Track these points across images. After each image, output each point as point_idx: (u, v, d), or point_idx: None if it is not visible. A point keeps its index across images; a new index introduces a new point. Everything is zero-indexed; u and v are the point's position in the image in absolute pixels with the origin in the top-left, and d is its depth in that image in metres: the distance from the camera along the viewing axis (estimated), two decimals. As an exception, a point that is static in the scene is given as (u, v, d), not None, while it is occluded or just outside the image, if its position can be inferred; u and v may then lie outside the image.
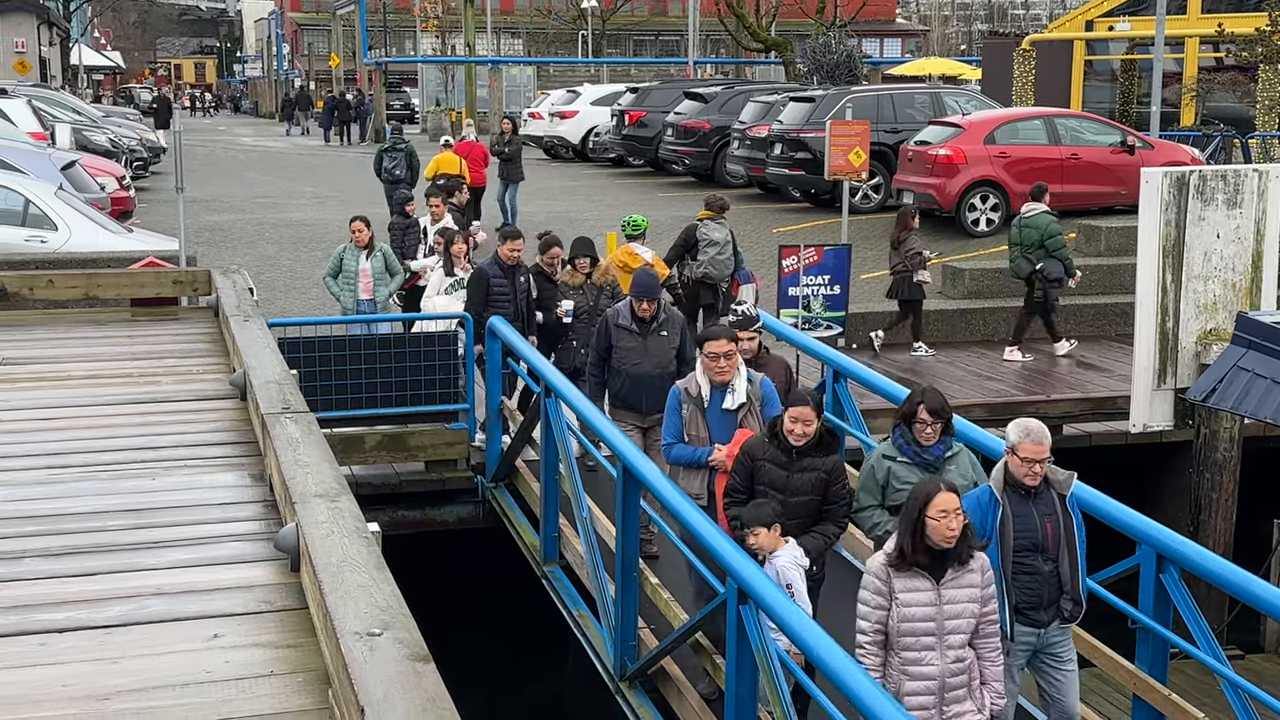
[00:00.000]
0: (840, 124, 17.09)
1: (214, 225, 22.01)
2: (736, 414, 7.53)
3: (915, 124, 21.69)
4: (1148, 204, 11.65)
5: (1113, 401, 12.88)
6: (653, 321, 9.07)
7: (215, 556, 4.89)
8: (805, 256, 15.29)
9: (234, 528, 5.20)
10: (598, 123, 33.06)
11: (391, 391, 11.01)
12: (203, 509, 5.39)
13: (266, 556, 4.84)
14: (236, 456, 6.13)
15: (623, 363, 9.05)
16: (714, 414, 7.53)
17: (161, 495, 5.55)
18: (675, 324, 9.20)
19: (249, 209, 24.26)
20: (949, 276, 17.46)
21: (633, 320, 9.08)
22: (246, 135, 51.19)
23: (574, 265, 10.96)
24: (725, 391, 7.54)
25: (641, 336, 9.03)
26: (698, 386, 7.57)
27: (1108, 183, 19.37)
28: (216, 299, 9.36)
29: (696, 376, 7.60)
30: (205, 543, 5.03)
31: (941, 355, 15.43)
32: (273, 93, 78.09)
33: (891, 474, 6.93)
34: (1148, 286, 11.67)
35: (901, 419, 6.99)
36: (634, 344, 9.07)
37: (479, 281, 11.16)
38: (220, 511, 5.38)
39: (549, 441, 9.15)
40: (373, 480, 11.12)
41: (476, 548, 11.16)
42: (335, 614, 3.64)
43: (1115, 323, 16.45)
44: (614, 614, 7.74)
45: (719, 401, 7.53)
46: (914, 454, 6.91)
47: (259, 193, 27.04)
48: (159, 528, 5.17)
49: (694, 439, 7.54)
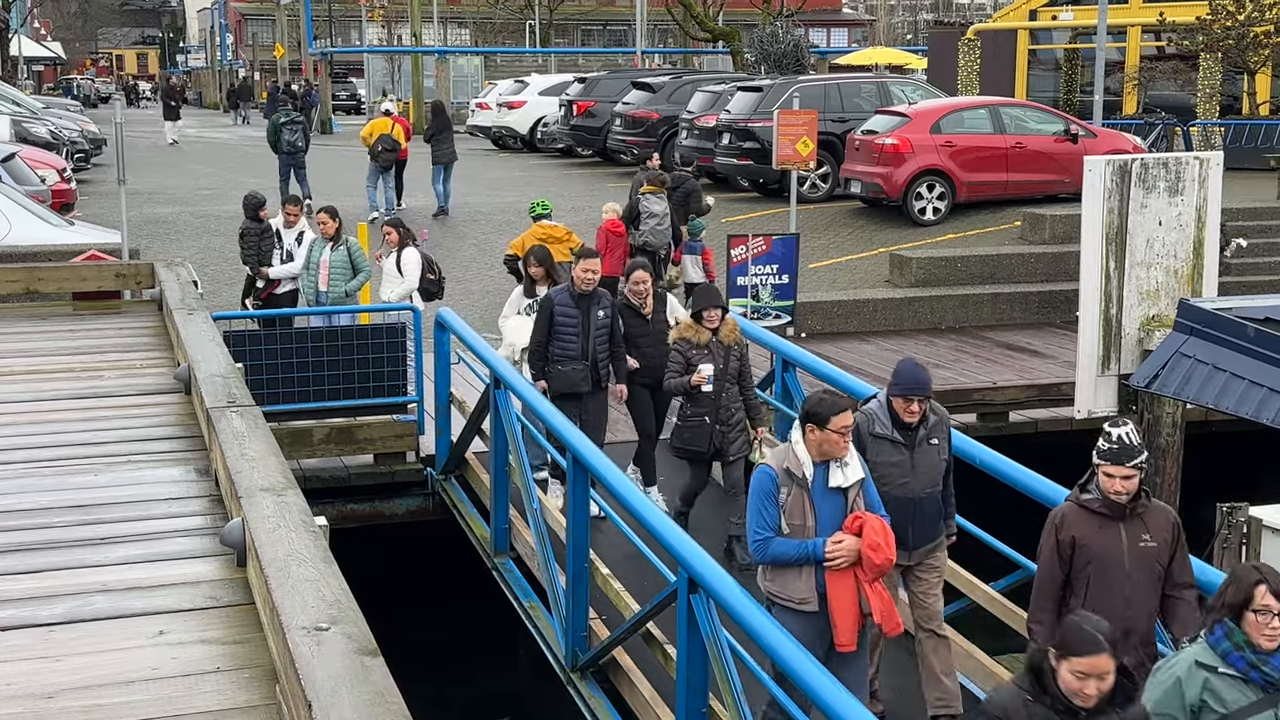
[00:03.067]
0: (788, 113, 17.14)
1: (157, 217, 21.77)
2: (847, 494, 6.12)
3: (862, 113, 21.78)
4: (1091, 192, 11.76)
5: (1058, 388, 13.00)
6: (920, 427, 6.89)
7: (161, 552, 4.85)
8: (754, 246, 15.34)
9: (179, 523, 5.16)
10: (546, 113, 32.97)
11: (339, 384, 10.94)
12: (148, 504, 5.35)
13: (212, 552, 4.81)
14: (181, 451, 6.08)
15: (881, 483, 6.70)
16: (819, 495, 6.07)
17: (106, 491, 5.50)
18: (944, 426, 7.03)
19: (193, 201, 24.02)
20: (896, 265, 17.57)
21: (893, 426, 6.85)
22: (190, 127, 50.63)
23: (701, 320, 8.97)
24: (833, 466, 6.09)
25: (908, 448, 6.85)
26: (799, 462, 6.06)
27: (1052, 171, 19.55)
28: (160, 292, 9.26)
29: (795, 452, 6.10)
30: (150, 538, 4.99)
31: (888, 343, 15.53)
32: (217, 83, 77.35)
33: (1210, 691, 4.88)
34: (1091, 274, 11.78)
35: (1227, 611, 4.93)
36: (898, 458, 6.84)
37: (543, 311, 9.65)
38: (165, 507, 5.34)
39: (498, 433, 9.13)
40: (321, 473, 11.06)
41: (426, 540, 11.11)
42: (282, 609, 3.62)
43: (1060, 309, 16.62)
44: (565, 605, 7.74)
45: (823, 479, 6.08)
46: (1247, 664, 4.86)
47: (202, 185, 26.77)
48: (103, 524, 5.12)
49: (796, 529, 6.04)
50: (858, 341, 15.64)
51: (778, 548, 6.00)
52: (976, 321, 16.59)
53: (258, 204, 13.58)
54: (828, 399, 6.13)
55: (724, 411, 8.90)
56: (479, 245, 20.60)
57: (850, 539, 5.91)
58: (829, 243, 19.77)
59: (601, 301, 9.62)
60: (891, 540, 5.95)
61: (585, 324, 9.51)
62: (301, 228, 13.47)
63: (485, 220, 22.18)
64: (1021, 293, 16.89)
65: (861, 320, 16.30)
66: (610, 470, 7.25)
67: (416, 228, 15.11)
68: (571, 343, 9.51)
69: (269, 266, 13.38)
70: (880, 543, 5.89)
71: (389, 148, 22.05)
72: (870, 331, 16.14)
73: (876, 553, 5.87)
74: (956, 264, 17.36)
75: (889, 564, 5.94)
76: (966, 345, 15.54)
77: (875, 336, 15.91)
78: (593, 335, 9.52)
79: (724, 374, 8.86)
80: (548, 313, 9.57)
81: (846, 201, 21.20)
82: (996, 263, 17.47)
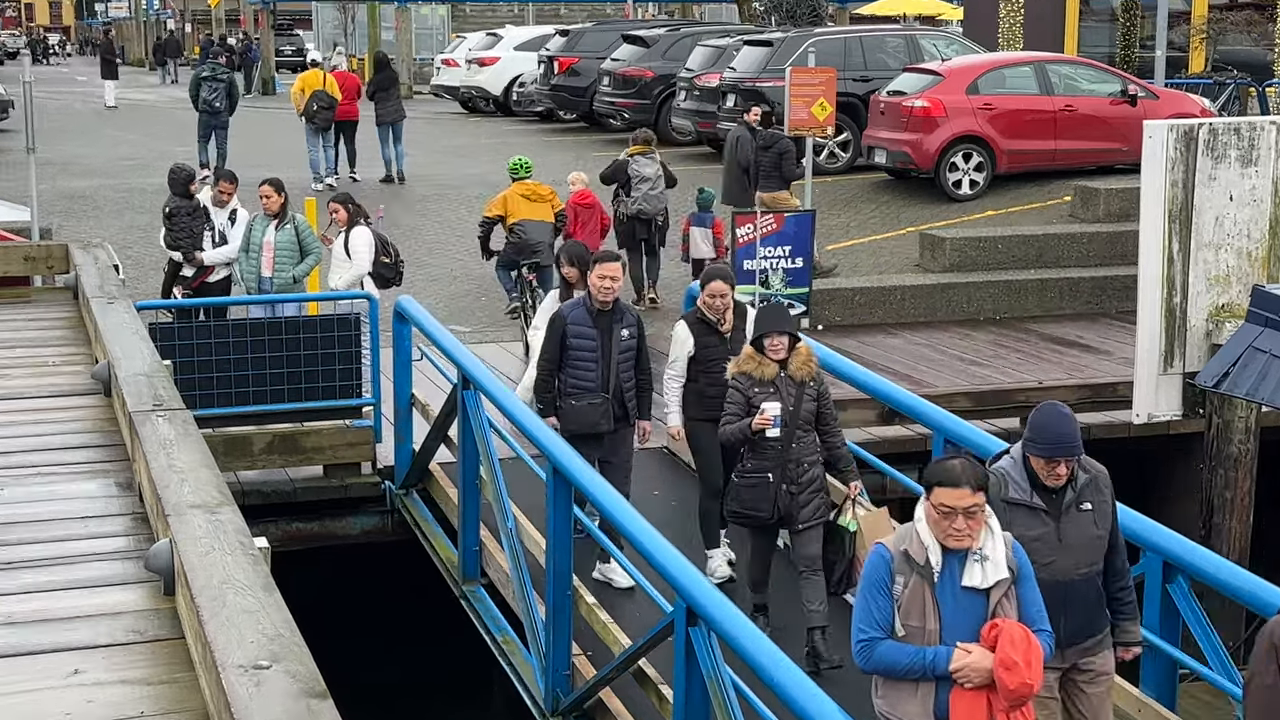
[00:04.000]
0: (802, 72, 17.15)
1: (72, 192, 21.74)
2: (987, 596, 5.43)
3: (888, 71, 21.79)
4: (1151, 162, 11.77)
5: (1113, 388, 13.01)
6: (1067, 489, 6.20)
7: (75, 579, 4.85)
8: (763, 225, 15.36)
9: (97, 545, 5.16)
10: (522, 71, 32.96)
11: (283, 384, 10.94)
12: (60, 523, 5.34)
13: (136, 578, 4.81)
14: (100, 462, 6.09)
15: None
16: (947, 592, 5.45)
17: (12, 508, 5.50)
18: (1100, 485, 6.37)
19: (114, 172, 23.99)
20: (927, 247, 17.60)
21: (1032, 490, 6.17)
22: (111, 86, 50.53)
23: (763, 349, 8.19)
24: (969, 559, 5.43)
25: (1053, 517, 6.17)
26: (921, 546, 5.44)
27: (1106, 138, 19.57)
28: (76, 278, 9.26)
29: (917, 532, 5.48)
30: (63, 563, 4.99)
31: (918, 337, 15.56)
32: (141, 36, 77.22)
33: None
34: (1152, 257, 11.80)
35: None
36: (1040, 529, 6.17)
37: (553, 331, 9.03)
38: (81, 526, 5.33)
39: (468, 440, 9.13)
40: (262, 487, 11.06)
41: (384, 565, 11.12)
42: (216, 644, 3.62)
43: (1115, 298, 16.64)
44: (544, 639, 7.75)
45: (955, 572, 5.42)
46: None
47: (126, 154, 26.74)
48: (8, 546, 5.12)
49: (914, 633, 5.43)
50: (883, 335, 15.66)
51: (886, 653, 5.41)
52: (1019, 312, 16.60)
53: (187, 177, 13.41)
54: (941, 463, 5.53)
55: (794, 467, 8.04)
56: (444, 223, 20.60)
57: (979, 652, 5.33)
58: (849, 221, 19.77)
59: (625, 318, 8.97)
60: (1037, 656, 5.35)
61: (606, 346, 8.88)
62: (235, 205, 13.40)
63: (451, 194, 22.18)
64: (1071, 279, 16.92)
65: (887, 310, 16.33)
66: (598, 484, 7.26)
67: (371, 204, 15.10)
68: (589, 370, 8.86)
69: (201, 250, 13.30)
70: (1017, 660, 5.26)
71: (324, 105, 22.24)
72: (897, 323, 16.16)
73: (1011, 673, 5.26)
74: (996, 245, 17.37)
75: (1029, 689, 5.34)
76: (1008, 339, 15.57)
77: (903, 329, 15.93)
78: (616, 361, 8.89)
79: (795, 417, 8.04)
80: (558, 333, 8.91)
81: (869, 173, 21.20)
82: (1042, 244, 17.49)
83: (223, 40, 50.22)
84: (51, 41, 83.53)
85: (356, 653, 10.50)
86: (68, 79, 54.79)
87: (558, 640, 7.67)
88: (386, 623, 11.15)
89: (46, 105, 34.60)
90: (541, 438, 7.89)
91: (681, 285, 14.17)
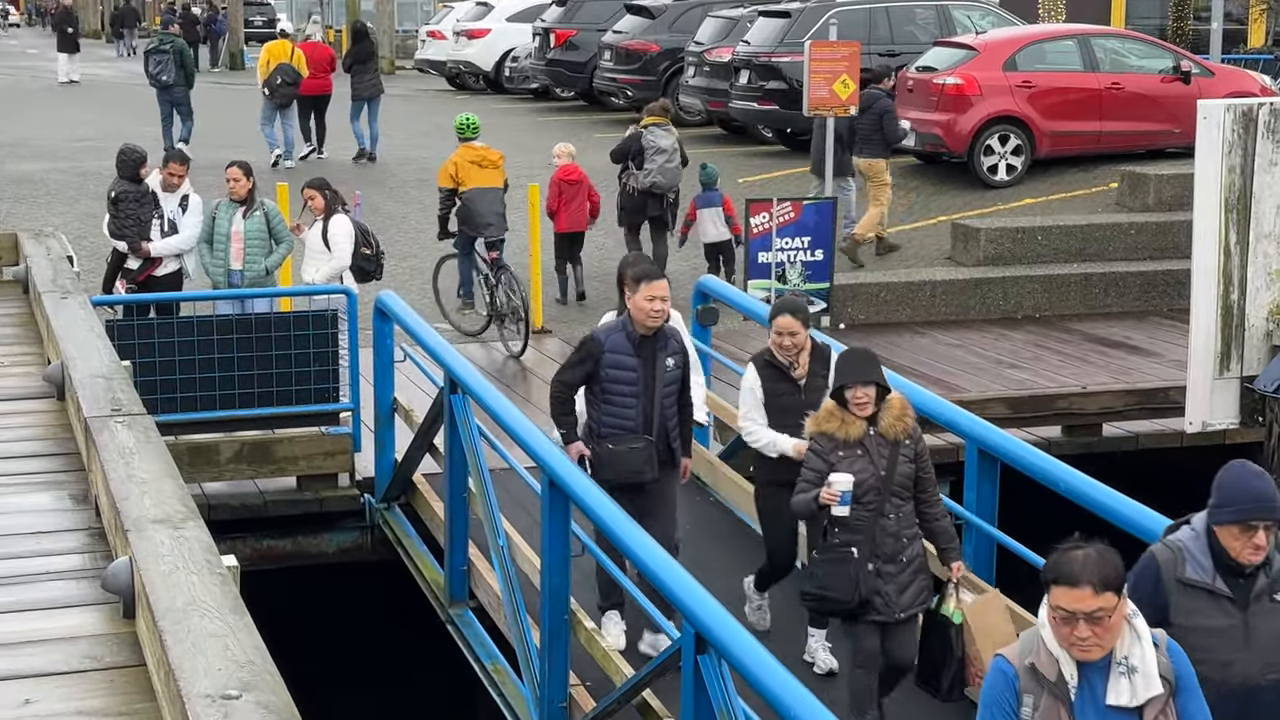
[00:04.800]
0: (823, 46, 17.16)
1: (22, 176, 21.77)
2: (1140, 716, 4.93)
3: (917, 45, 21.82)
4: (1206, 145, 11.77)
5: (1164, 393, 13.02)
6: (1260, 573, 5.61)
7: (26, 600, 4.85)
8: (779, 214, 15.37)
9: (50, 563, 5.17)
10: (515, 44, 33.01)
11: (253, 387, 10.96)
12: (10, 540, 5.35)
13: (92, 599, 4.82)
14: (52, 472, 6.09)
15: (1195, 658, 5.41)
16: (1089, 713, 4.92)
17: (-44, 523, 5.50)
18: None
19: (67, 155, 24.01)
20: (960, 238, 17.60)
21: (1216, 571, 5.58)
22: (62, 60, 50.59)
23: (845, 401, 7.45)
24: (1112, 670, 4.88)
25: (1239, 606, 5.57)
26: (1050, 658, 4.91)
27: (1157, 119, 19.58)
28: (26, 270, 9.27)
29: (1043, 640, 4.95)
30: (12, 582, 4.99)
31: (950, 337, 15.56)
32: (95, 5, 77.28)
33: None
34: (1206, 250, 11.79)
35: None
36: (1223, 621, 5.57)
37: (585, 356, 8.35)
38: (33, 543, 5.34)
39: (455, 450, 9.14)
40: (230, 501, 11.08)
41: (363, 585, 11.14)
42: (180, 672, 3.62)
43: (1166, 295, 16.65)
44: (538, 667, 7.75)
45: (1098, 688, 4.88)
46: None
47: (80, 134, 26.77)
48: (-47, 564, 5.13)
49: None
50: (911, 334, 15.66)
51: None
52: (1061, 309, 16.61)
53: (138, 160, 13.06)
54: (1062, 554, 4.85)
55: (888, 541, 7.38)
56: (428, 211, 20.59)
57: None
58: (874, 209, 19.77)
59: (670, 343, 8.32)
60: None
61: (648, 379, 8.22)
62: (186, 190, 13.12)
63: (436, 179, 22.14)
64: (1118, 273, 16.92)
65: (916, 308, 16.33)
66: (595, 496, 7.26)
67: (346, 188, 15.10)
68: (628, 407, 8.21)
69: (148, 240, 12.96)
70: None
71: (289, 80, 22.46)
72: (927, 321, 16.16)
73: None
74: (1036, 236, 17.38)
75: None
76: (1049, 339, 15.57)
77: (933, 328, 15.93)
78: (660, 396, 8.26)
79: (888, 483, 7.37)
80: (591, 360, 8.26)
81: (896, 157, 21.19)
82: (1086, 235, 17.50)
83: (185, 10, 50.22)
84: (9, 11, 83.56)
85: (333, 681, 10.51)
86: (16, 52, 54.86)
87: (553, 669, 7.67)
88: (366, 649, 11.16)
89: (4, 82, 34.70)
90: (536, 446, 7.88)
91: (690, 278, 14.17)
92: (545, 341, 15.10)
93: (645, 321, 8.15)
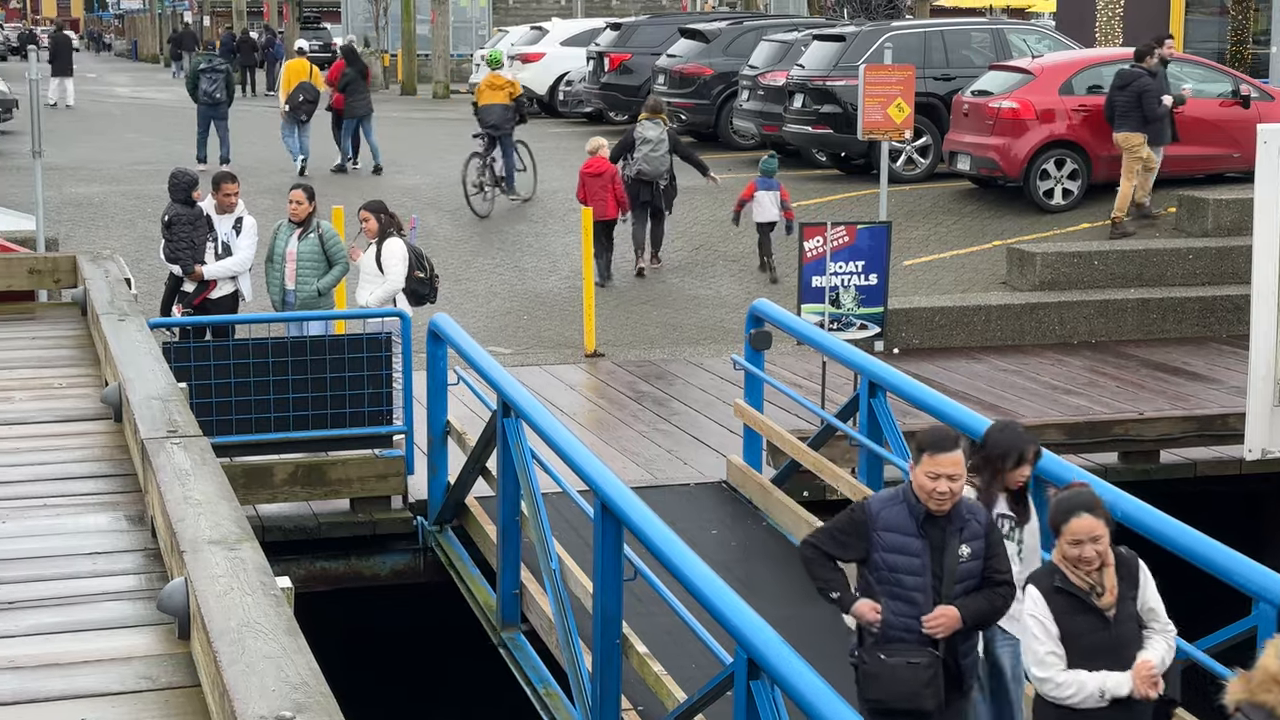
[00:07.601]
0: (877, 70, 17.14)
1: (81, 199, 21.95)
2: None
3: (972, 69, 21.74)
4: (1266, 170, 11.69)
5: (1223, 420, 12.90)
6: None
7: (83, 621, 4.88)
8: (834, 237, 15.32)
9: (107, 584, 5.19)
10: (569, 68, 33.08)
11: (307, 410, 11.00)
12: (67, 560, 5.38)
13: (148, 620, 4.84)
14: (109, 493, 6.12)
15: None
16: None
17: (14, 543, 5.54)
18: None
19: (126, 178, 24.20)
20: (1015, 263, 17.52)
21: None
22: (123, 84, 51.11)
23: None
24: None
25: None
26: None
27: (1216, 143, 19.45)
28: (84, 293, 9.35)
29: None
30: (69, 603, 5.02)
31: (1005, 362, 15.48)
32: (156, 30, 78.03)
33: None
34: (1266, 275, 11.70)
35: None
36: None
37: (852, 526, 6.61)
38: (89, 563, 5.37)
39: (508, 473, 9.15)
40: (284, 523, 11.12)
41: (416, 608, 11.15)
42: (235, 693, 3.64)
43: (1226, 321, 16.52)
44: (590, 692, 7.74)
45: None
46: None
47: (139, 158, 26.98)
48: (10, 584, 5.16)
49: None
50: (965, 360, 15.60)
51: None
52: (1117, 335, 16.51)
53: (190, 183, 13.12)
54: None
55: None
56: (483, 235, 20.69)
57: None
58: (929, 234, 19.72)
59: (968, 526, 6.52)
60: None
61: (936, 568, 6.46)
62: (240, 211, 13.20)
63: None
64: (1176, 298, 16.80)
65: (970, 333, 16.26)
66: (649, 520, 7.25)
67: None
68: (907, 604, 6.46)
69: (202, 264, 13.03)
70: None
71: (310, 98, 24.13)
72: (982, 347, 16.09)
73: None
74: (1092, 261, 17.29)
75: None
76: (1105, 365, 15.48)
77: (988, 353, 15.86)
78: (951, 596, 6.46)
79: None
80: (857, 532, 6.57)
81: (952, 181, 21.13)
82: (1144, 260, 17.39)
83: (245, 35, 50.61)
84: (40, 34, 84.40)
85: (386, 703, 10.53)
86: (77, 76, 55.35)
87: (606, 693, 7.65)
88: (418, 671, 11.17)
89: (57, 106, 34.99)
90: (588, 469, 7.88)
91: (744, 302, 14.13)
92: (599, 365, 15.17)
93: (930, 504, 6.43)
